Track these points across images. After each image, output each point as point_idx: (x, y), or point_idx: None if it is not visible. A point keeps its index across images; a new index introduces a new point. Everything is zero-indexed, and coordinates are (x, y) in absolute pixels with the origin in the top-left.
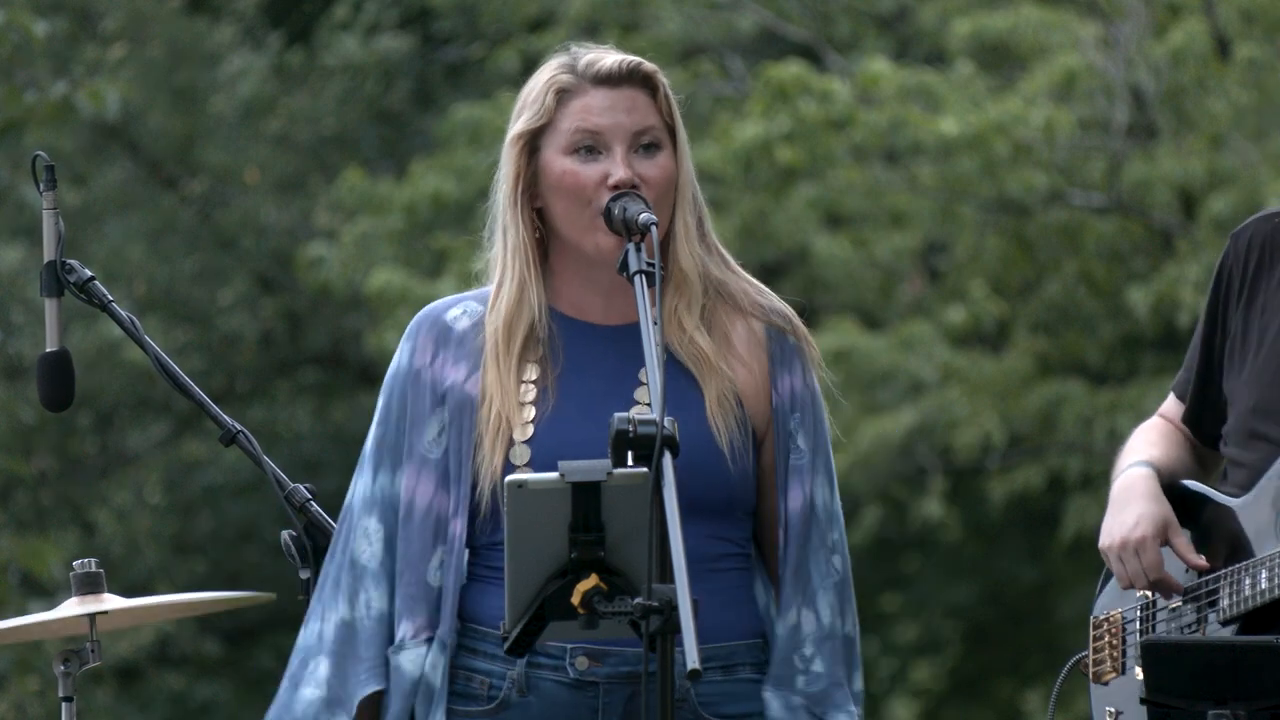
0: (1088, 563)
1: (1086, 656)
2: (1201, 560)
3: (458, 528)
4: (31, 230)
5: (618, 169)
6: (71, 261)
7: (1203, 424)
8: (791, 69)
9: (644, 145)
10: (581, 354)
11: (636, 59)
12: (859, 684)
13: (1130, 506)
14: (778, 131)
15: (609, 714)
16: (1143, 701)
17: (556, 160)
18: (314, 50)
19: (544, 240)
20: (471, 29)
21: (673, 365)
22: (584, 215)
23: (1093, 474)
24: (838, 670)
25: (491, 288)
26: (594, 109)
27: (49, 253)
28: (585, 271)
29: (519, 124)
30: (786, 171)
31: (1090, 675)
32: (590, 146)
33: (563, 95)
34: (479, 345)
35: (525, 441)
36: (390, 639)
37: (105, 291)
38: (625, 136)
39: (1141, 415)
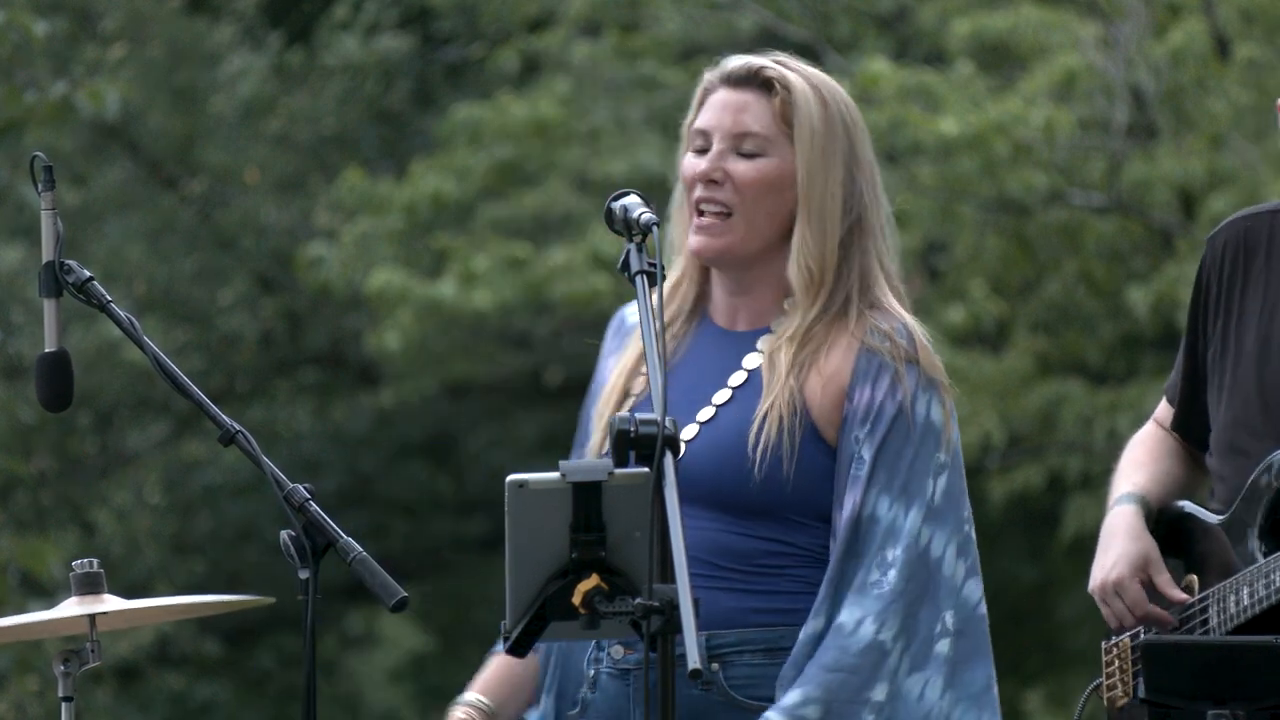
0: (1087, 563)
1: (1102, 682)
2: (1179, 594)
3: None
4: (31, 230)
5: (702, 163)
6: (70, 262)
7: (1192, 430)
8: None
9: (745, 151)
10: (697, 355)
11: (761, 62)
12: (880, 694)
13: (1110, 548)
14: None
15: (638, 700)
16: (1142, 701)
17: (685, 156)
18: (314, 50)
19: None
20: (471, 29)
21: (759, 379)
22: (689, 208)
23: (1093, 474)
24: (840, 678)
25: None
26: (710, 107)
27: (48, 253)
28: (715, 274)
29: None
30: None
31: (1105, 701)
32: (700, 146)
33: (704, 95)
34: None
35: None
36: None
37: (104, 292)
38: (724, 136)
39: (1141, 415)
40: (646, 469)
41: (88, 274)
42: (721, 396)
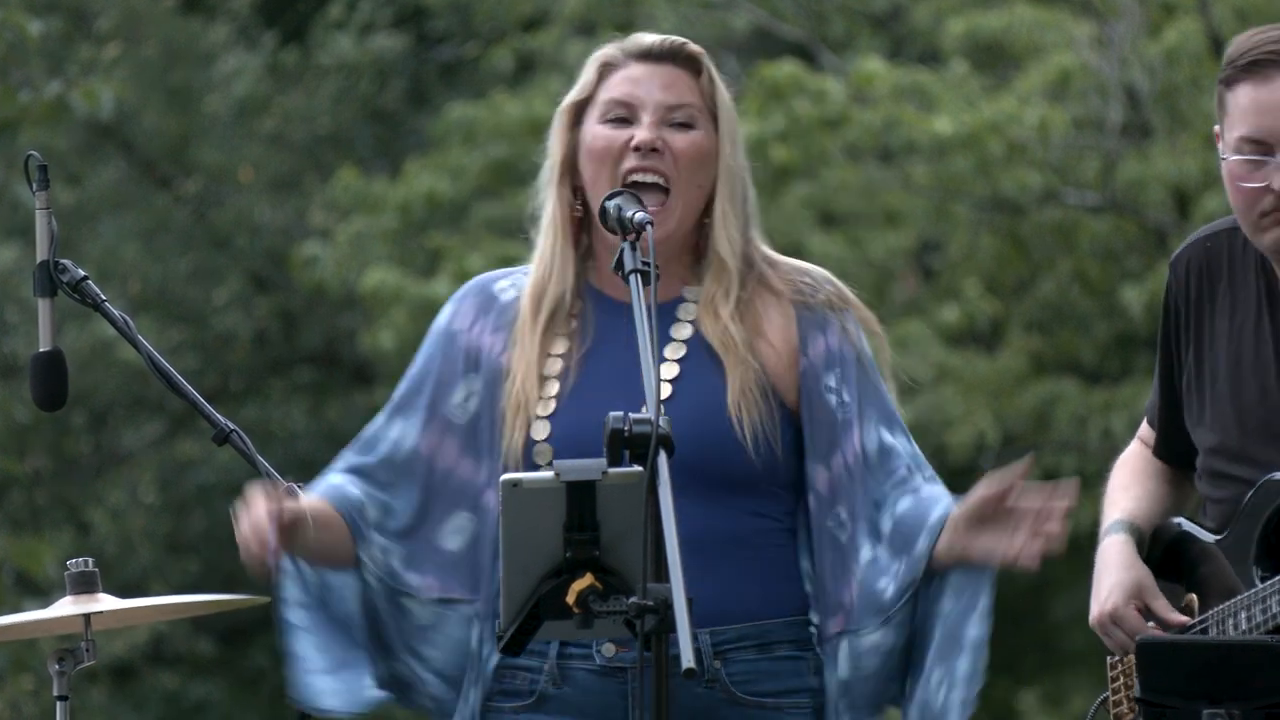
0: (1082, 563)
1: (1109, 697)
2: (1178, 617)
3: (492, 501)
4: (25, 230)
5: (641, 131)
6: (65, 261)
7: (1174, 455)
8: (786, 68)
9: (677, 121)
10: (610, 332)
11: (682, 39)
12: None
13: (1104, 580)
14: (772, 131)
15: (638, 699)
16: (1138, 700)
17: (591, 128)
18: (308, 49)
19: (588, 219)
20: (466, 28)
21: (702, 350)
22: (608, 181)
23: (1087, 473)
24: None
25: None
26: (630, 80)
27: (42, 252)
28: (616, 249)
29: (566, 98)
30: (781, 171)
31: (1111, 716)
32: (622, 116)
33: (605, 69)
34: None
35: (546, 417)
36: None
37: (98, 291)
38: (656, 108)
39: (1135, 415)
40: (640, 468)
41: (82, 273)
42: (668, 371)
